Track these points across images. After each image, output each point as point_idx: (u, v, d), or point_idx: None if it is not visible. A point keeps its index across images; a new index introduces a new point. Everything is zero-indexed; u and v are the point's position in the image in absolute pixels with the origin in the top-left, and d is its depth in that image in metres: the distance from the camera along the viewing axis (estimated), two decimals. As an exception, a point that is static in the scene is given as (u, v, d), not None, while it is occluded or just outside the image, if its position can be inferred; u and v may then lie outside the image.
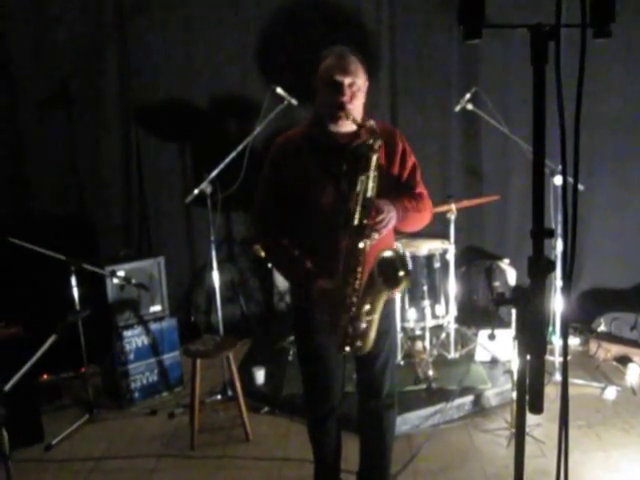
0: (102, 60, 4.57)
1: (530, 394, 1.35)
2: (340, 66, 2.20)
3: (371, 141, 2.14)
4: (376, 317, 2.21)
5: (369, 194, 2.14)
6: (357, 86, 2.23)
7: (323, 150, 2.29)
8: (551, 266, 1.29)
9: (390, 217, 2.19)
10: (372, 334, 2.23)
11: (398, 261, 2.13)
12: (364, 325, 2.19)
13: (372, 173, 2.14)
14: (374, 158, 2.14)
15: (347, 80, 2.20)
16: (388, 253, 2.14)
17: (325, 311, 2.25)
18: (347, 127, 2.26)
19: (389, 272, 2.11)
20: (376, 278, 2.09)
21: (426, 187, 2.47)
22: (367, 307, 2.17)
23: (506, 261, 4.68)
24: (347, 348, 2.23)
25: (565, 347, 1.35)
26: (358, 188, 2.14)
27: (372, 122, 2.16)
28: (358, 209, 2.14)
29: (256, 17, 4.66)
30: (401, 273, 2.11)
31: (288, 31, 4.64)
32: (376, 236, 2.18)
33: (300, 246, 2.33)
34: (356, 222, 2.14)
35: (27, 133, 4.49)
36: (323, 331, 2.39)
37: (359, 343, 2.21)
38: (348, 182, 2.23)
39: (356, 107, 2.25)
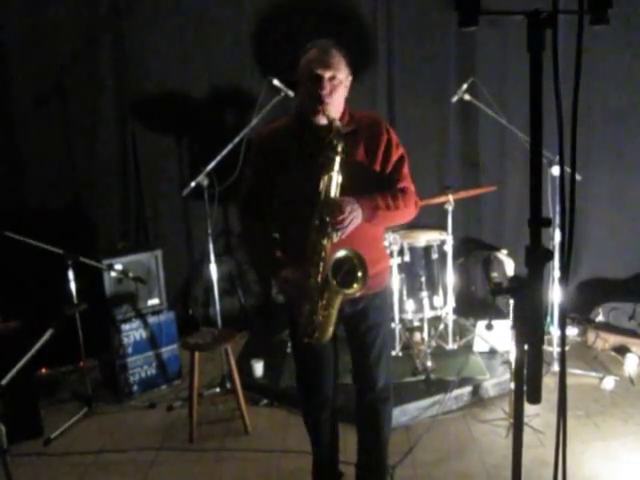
0: (97, 53, 4.54)
1: (528, 384, 1.34)
2: (321, 60, 2.19)
3: (334, 142, 2.13)
4: (333, 312, 2.24)
5: (332, 193, 2.15)
6: (338, 80, 2.22)
7: (303, 142, 2.30)
8: (548, 255, 1.28)
9: (353, 217, 2.16)
10: (329, 327, 2.28)
11: (356, 261, 2.13)
12: (320, 319, 2.23)
13: (335, 174, 2.15)
14: (337, 160, 2.14)
15: (327, 74, 2.19)
16: (343, 253, 2.13)
17: (290, 299, 2.31)
18: (319, 121, 2.26)
19: (347, 272, 2.13)
20: (330, 279, 2.11)
21: (413, 182, 2.44)
22: (323, 302, 2.20)
23: (504, 252, 4.68)
24: (305, 339, 2.29)
25: (563, 337, 1.35)
26: (321, 187, 2.15)
27: (338, 123, 2.16)
28: (320, 207, 2.15)
29: (252, 8, 4.63)
30: (359, 274, 2.12)
31: (284, 22, 4.61)
32: (337, 234, 2.16)
33: (277, 235, 2.41)
34: (317, 221, 2.15)
35: (23, 127, 4.46)
36: None
37: (316, 335, 2.27)
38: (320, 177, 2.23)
39: (335, 101, 2.24)
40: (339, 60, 2.22)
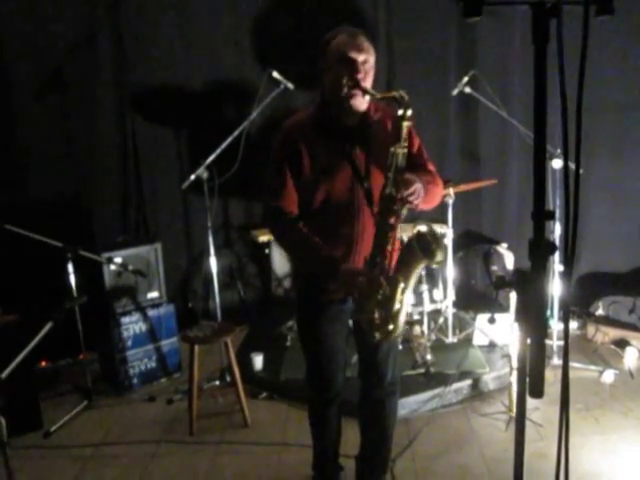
0: (97, 45, 4.51)
1: (530, 378, 1.34)
2: (354, 43, 2.15)
3: (402, 111, 2.07)
4: (407, 297, 2.14)
5: (400, 164, 2.09)
6: (370, 64, 2.19)
7: (335, 132, 2.23)
8: (552, 248, 1.27)
9: (420, 189, 2.12)
10: (403, 316, 2.15)
11: (430, 236, 2.05)
12: (397, 306, 2.11)
13: (404, 143, 2.09)
14: (405, 127, 2.08)
15: (361, 57, 2.15)
16: (424, 228, 2.09)
17: (353, 296, 2.20)
18: (359, 105, 2.19)
19: (425, 245, 2.04)
20: (415, 248, 2.02)
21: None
22: (402, 285, 2.09)
23: (504, 245, 4.68)
24: (377, 335, 2.17)
25: (566, 331, 1.34)
26: (390, 160, 2.09)
27: (400, 92, 2.08)
28: (390, 182, 2.09)
29: (251, 1, 4.61)
30: (434, 246, 2.03)
31: (283, 14, 4.59)
32: (405, 211, 2.12)
33: (315, 233, 2.26)
34: (388, 191, 2.08)
35: (22, 120, 4.43)
36: (328, 320, 2.38)
37: (391, 326, 2.13)
38: (368, 161, 2.19)
39: (368, 85, 2.19)
40: (369, 44, 2.20)
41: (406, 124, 2.08)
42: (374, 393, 2.56)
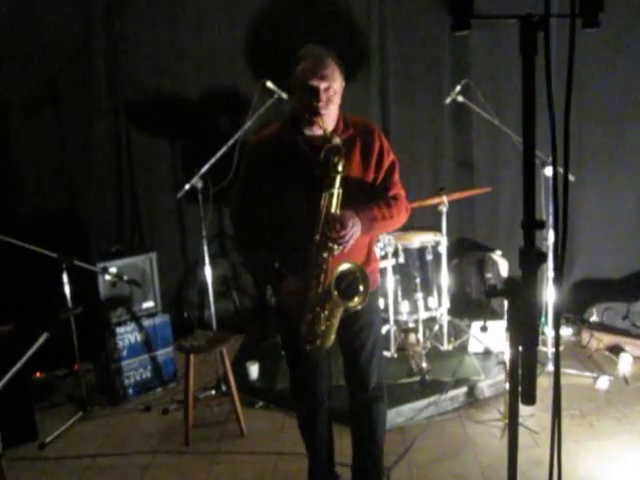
0: (90, 56, 4.53)
1: (523, 385, 1.35)
2: (316, 71, 2.16)
3: (335, 160, 2.13)
4: (335, 322, 2.25)
5: (332, 210, 2.16)
6: (333, 90, 2.21)
7: (295, 153, 2.28)
8: (542, 257, 1.29)
9: (354, 231, 2.19)
10: (331, 335, 2.29)
11: (359, 274, 2.16)
12: (323, 328, 2.24)
13: (336, 191, 2.15)
14: (337, 178, 2.14)
15: (323, 85, 2.17)
16: (346, 267, 2.15)
17: (290, 309, 2.30)
18: (320, 130, 2.23)
19: (348, 285, 2.15)
20: (332, 292, 2.11)
21: (408, 183, 2.48)
22: (326, 313, 2.21)
23: (498, 253, 4.70)
24: (308, 346, 2.28)
25: (557, 338, 1.35)
26: (322, 203, 2.15)
27: (337, 140, 2.14)
28: (321, 223, 2.15)
29: (245, 10, 4.64)
30: (361, 288, 2.15)
31: (278, 24, 4.62)
32: (339, 248, 2.19)
33: (272, 245, 2.37)
34: (318, 236, 2.16)
35: (16, 130, 4.45)
36: None
37: (318, 342, 2.27)
38: (318, 189, 2.23)
39: (331, 111, 2.23)
40: (333, 69, 2.20)
41: (338, 176, 2.14)
42: (359, 399, 2.58)
